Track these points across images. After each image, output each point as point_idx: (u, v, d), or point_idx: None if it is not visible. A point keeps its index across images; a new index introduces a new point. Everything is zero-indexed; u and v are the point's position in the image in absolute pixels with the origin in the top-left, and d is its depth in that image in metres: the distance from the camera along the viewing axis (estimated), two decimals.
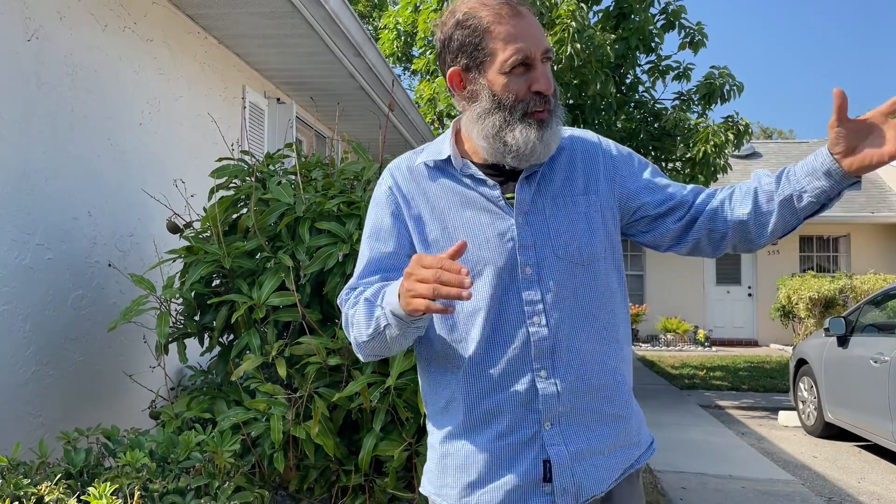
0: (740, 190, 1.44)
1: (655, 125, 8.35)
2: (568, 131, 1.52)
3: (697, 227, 1.45)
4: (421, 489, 1.54)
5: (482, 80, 1.36)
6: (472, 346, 1.39)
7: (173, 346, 3.03)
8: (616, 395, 1.43)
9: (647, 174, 1.50)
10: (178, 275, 2.95)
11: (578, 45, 6.87)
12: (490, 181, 1.41)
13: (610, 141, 1.55)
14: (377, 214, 1.49)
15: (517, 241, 1.38)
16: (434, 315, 1.40)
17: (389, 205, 1.46)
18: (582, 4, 7.30)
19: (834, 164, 1.30)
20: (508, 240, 1.38)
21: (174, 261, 3.03)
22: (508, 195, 1.41)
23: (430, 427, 1.53)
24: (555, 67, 7.28)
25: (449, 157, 1.44)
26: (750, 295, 15.59)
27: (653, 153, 8.36)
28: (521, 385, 1.37)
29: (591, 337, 1.40)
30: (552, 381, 1.36)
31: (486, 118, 1.37)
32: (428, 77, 8.94)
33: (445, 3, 7.87)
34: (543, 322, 1.37)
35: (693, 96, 8.30)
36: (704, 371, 11.02)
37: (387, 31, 9.15)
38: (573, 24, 6.90)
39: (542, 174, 1.43)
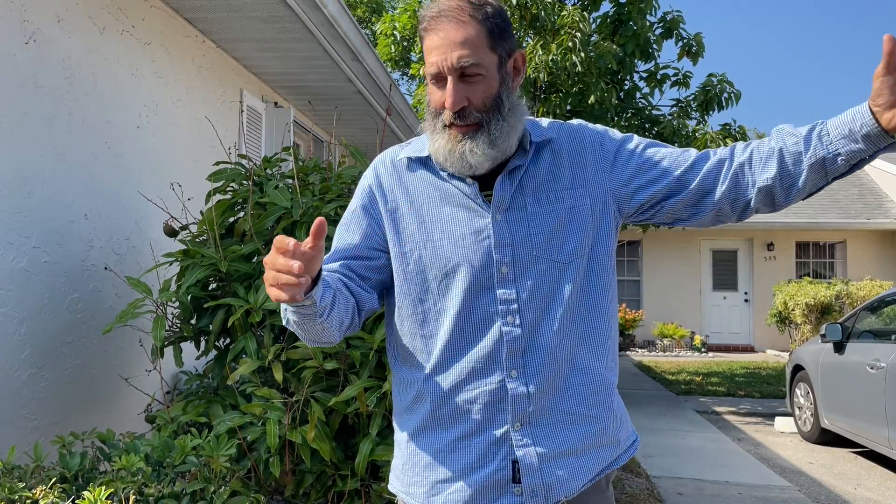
0: (759, 151, 1.33)
1: (653, 131, 8.37)
2: (556, 123, 1.48)
3: (718, 197, 1.36)
4: (389, 487, 1.53)
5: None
6: (441, 343, 1.37)
7: (169, 350, 3.03)
8: (590, 395, 1.40)
9: (644, 155, 1.42)
10: (175, 278, 2.94)
11: (583, 55, 6.89)
12: (468, 178, 1.39)
13: (600, 128, 1.47)
14: (353, 205, 1.50)
15: (493, 238, 1.36)
16: (405, 309, 1.41)
17: (364, 198, 1.48)
18: (584, 13, 7.32)
19: (875, 126, 1.20)
20: (484, 238, 1.36)
21: (171, 264, 3.03)
22: (488, 192, 1.39)
23: (396, 425, 1.51)
24: (556, 71, 7.30)
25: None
26: (746, 301, 15.61)
27: None
28: (491, 384, 1.35)
29: (567, 337, 1.37)
30: (522, 381, 1.34)
31: (425, 122, 1.42)
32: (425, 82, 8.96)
33: None
34: (517, 322, 1.35)
35: (691, 104, 8.32)
36: (701, 377, 11.02)
37: (384, 36, 9.16)
38: (578, 34, 6.91)
39: (526, 169, 1.40)
